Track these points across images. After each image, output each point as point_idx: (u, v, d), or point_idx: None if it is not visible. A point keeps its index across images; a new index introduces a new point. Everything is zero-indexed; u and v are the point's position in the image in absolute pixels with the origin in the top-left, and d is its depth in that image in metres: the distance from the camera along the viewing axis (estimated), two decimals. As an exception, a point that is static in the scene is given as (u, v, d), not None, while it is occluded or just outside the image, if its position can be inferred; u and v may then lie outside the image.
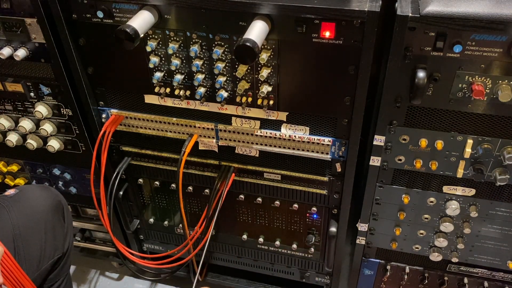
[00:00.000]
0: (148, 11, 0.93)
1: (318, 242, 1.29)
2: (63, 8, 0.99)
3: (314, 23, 0.87)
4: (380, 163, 1.05)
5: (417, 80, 0.86)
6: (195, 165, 1.22)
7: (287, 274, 1.43)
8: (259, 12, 0.88)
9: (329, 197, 1.17)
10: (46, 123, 1.22)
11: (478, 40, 0.82)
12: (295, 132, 1.07)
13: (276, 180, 1.18)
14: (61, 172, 1.35)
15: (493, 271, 1.21)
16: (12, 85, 1.16)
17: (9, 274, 0.93)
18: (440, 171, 1.03)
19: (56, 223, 1.09)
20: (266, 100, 1.02)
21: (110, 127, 1.17)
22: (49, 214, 1.07)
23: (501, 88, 0.85)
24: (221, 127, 1.11)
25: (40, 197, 1.07)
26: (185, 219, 1.25)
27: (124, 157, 1.26)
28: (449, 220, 1.11)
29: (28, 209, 1.03)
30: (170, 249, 1.42)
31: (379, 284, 1.34)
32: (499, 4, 0.80)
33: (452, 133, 0.96)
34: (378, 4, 0.84)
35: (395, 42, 0.85)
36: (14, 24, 1.05)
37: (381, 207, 1.14)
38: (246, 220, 1.32)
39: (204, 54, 0.99)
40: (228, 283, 1.52)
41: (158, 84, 1.07)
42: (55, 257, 1.08)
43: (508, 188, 1.03)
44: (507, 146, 0.95)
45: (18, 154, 1.34)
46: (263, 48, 0.94)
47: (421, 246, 1.19)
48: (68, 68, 1.09)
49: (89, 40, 1.04)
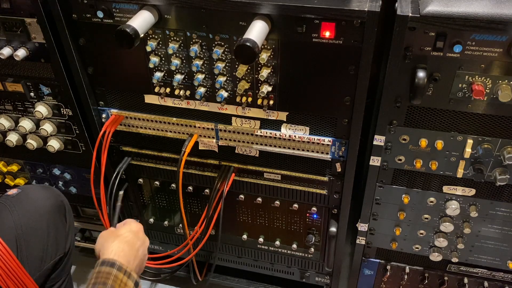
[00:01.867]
0: (148, 11, 0.93)
1: (318, 242, 1.29)
2: (63, 8, 0.99)
3: (314, 23, 0.87)
4: (380, 163, 1.05)
5: (417, 80, 0.87)
6: (195, 165, 1.22)
7: (287, 274, 1.43)
8: (259, 12, 0.88)
9: (329, 197, 1.17)
10: (46, 123, 1.22)
11: (478, 40, 0.82)
12: (295, 132, 1.07)
13: (276, 180, 1.18)
14: (61, 172, 1.35)
15: (493, 271, 1.21)
16: (12, 85, 1.16)
17: (12, 273, 0.93)
18: (440, 171, 1.03)
19: (58, 223, 1.09)
20: (266, 100, 1.02)
21: (110, 127, 1.17)
22: (51, 214, 1.06)
23: (501, 88, 0.85)
24: (221, 127, 1.11)
25: (43, 197, 1.07)
26: (185, 219, 1.25)
27: (124, 157, 1.26)
28: (449, 220, 1.11)
29: (30, 208, 1.03)
30: (170, 249, 1.42)
31: (379, 284, 1.34)
32: (499, 4, 0.80)
33: (452, 133, 0.96)
34: (378, 4, 0.84)
35: (395, 42, 0.85)
36: (14, 24, 1.05)
37: (381, 207, 1.14)
38: (246, 220, 1.32)
39: (204, 54, 0.99)
40: (228, 283, 1.52)
41: (158, 84, 1.07)
42: (57, 257, 1.08)
43: (508, 188, 1.03)
44: (507, 146, 0.95)
45: (18, 154, 1.34)
46: (263, 48, 0.94)
47: (421, 246, 1.19)
48: (68, 68, 1.09)
49: (89, 40, 1.04)
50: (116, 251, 0.90)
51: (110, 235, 0.98)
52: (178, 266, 1.36)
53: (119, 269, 0.85)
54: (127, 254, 0.91)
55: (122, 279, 0.83)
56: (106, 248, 0.92)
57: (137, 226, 1.04)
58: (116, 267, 0.85)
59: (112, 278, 0.82)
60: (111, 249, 0.91)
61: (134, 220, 1.09)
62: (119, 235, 0.97)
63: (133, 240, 0.97)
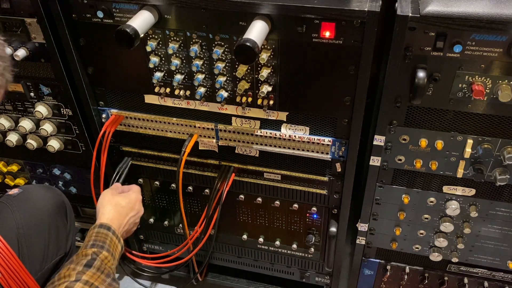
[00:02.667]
0: (148, 11, 0.93)
1: (318, 242, 1.29)
2: (63, 8, 0.99)
3: (314, 23, 0.87)
4: (380, 163, 1.05)
5: (417, 80, 0.87)
6: (195, 165, 1.22)
7: (287, 274, 1.43)
8: (259, 12, 0.88)
9: (329, 197, 1.17)
10: (46, 123, 1.22)
11: (478, 40, 0.82)
12: (295, 132, 1.07)
13: (276, 180, 1.18)
14: (61, 172, 1.36)
15: (493, 271, 1.21)
16: (12, 85, 1.16)
17: (14, 273, 0.93)
18: (440, 171, 1.03)
19: (59, 223, 1.09)
20: (266, 100, 1.02)
21: (110, 127, 1.17)
22: (52, 214, 1.07)
23: (501, 88, 0.85)
24: (221, 127, 1.11)
25: (44, 197, 1.07)
26: (185, 219, 1.25)
27: (124, 157, 1.26)
28: (449, 220, 1.11)
29: (32, 208, 1.03)
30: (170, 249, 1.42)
31: (379, 284, 1.34)
32: (499, 4, 0.80)
33: (452, 133, 0.96)
34: (378, 4, 0.84)
35: (395, 42, 0.85)
36: (14, 24, 1.05)
37: (381, 207, 1.14)
38: (246, 220, 1.32)
39: (204, 54, 0.99)
40: (228, 283, 1.52)
41: (158, 84, 1.07)
42: (58, 256, 1.08)
43: (508, 188, 1.03)
44: (507, 146, 0.95)
45: (18, 154, 1.34)
46: (263, 48, 0.94)
47: (421, 246, 1.19)
48: (68, 68, 1.09)
49: (89, 40, 1.04)
50: (110, 218, 1.05)
51: (110, 200, 1.10)
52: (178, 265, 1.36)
53: (113, 233, 1.01)
54: (118, 222, 1.06)
55: (114, 241, 1.00)
56: (102, 211, 1.07)
57: (136, 197, 1.15)
58: (111, 231, 1.01)
59: (108, 239, 0.98)
60: (107, 215, 1.05)
61: (138, 189, 1.19)
62: (117, 204, 1.09)
63: (126, 210, 1.10)
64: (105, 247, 0.96)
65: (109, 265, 0.94)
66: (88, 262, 0.90)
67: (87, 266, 0.89)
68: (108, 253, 0.95)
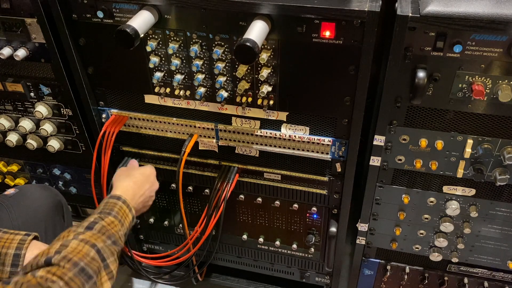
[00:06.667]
0: (148, 11, 0.93)
1: (318, 242, 1.29)
2: (63, 8, 0.99)
3: (314, 23, 0.87)
4: (380, 163, 1.05)
5: (417, 80, 0.87)
6: (195, 165, 1.22)
7: (287, 274, 1.43)
8: (259, 12, 0.88)
9: (329, 197, 1.17)
10: (46, 123, 1.22)
11: (478, 40, 0.82)
12: (295, 132, 1.07)
13: (276, 180, 1.18)
14: (61, 172, 1.36)
15: (493, 271, 1.21)
16: (12, 85, 1.16)
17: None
18: (440, 171, 1.03)
19: (56, 223, 1.09)
20: (266, 100, 1.02)
21: (111, 127, 1.17)
22: (49, 214, 1.07)
23: (501, 88, 0.85)
24: (221, 127, 1.11)
25: (40, 197, 1.07)
26: (185, 219, 1.25)
27: (124, 157, 1.26)
28: (449, 220, 1.11)
29: (28, 208, 1.03)
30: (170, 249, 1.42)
31: (379, 284, 1.34)
32: (499, 4, 0.80)
33: (452, 133, 0.96)
34: (378, 4, 0.84)
35: (395, 42, 0.85)
36: (14, 24, 1.05)
37: (381, 207, 1.14)
38: (246, 220, 1.32)
39: (204, 54, 0.99)
40: (228, 283, 1.52)
41: (158, 84, 1.07)
42: None
43: (508, 188, 1.03)
44: (507, 146, 0.95)
45: (18, 154, 1.34)
46: (263, 48, 0.94)
47: (421, 246, 1.19)
48: (68, 68, 1.09)
49: (89, 40, 1.04)
50: (124, 189, 1.02)
51: (125, 173, 1.09)
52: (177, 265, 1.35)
53: (123, 202, 0.96)
54: (133, 193, 1.03)
55: (125, 210, 0.95)
56: (117, 185, 1.04)
57: (150, 170, 1.14)
58: (122, 201, 0.96)
59: (117, 207, 0.94)
60: (121, 187, 1.03)
61: (151, 165, 1.18)
62: (131, 175, 1.08)
63: (141, 181, 1.08)
64: (112, 214, 0.91)
65: (115, 229, 0.89)
66: (90, 224, 0.85)
67: (88, 228, 0.85)
68: (115, 219, 0.91)
